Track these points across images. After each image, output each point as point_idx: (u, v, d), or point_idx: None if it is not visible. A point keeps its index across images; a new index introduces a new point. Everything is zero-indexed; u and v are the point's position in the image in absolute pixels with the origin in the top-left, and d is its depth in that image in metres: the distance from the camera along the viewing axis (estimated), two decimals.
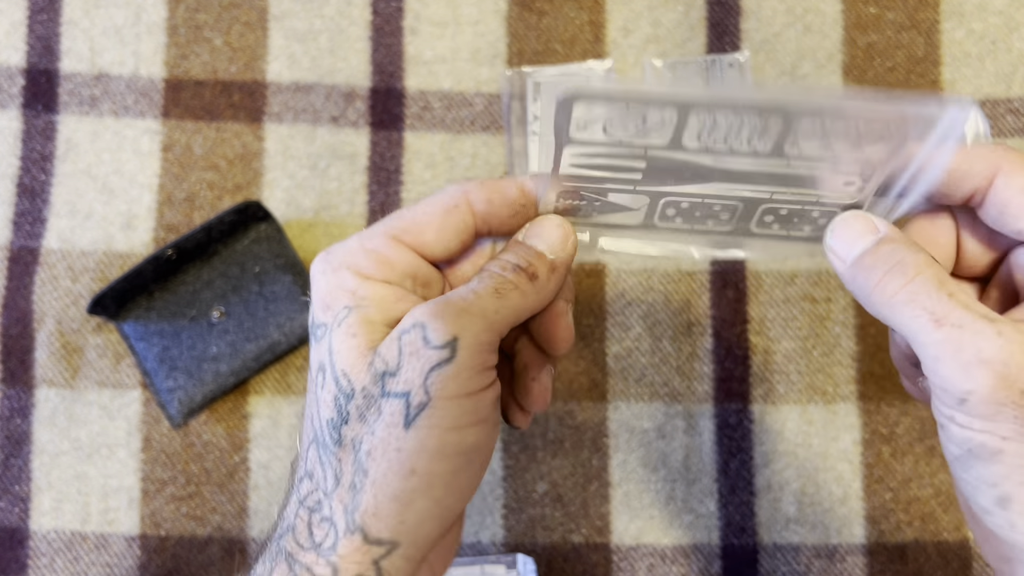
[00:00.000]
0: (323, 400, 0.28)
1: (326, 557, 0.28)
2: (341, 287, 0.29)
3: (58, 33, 0.59)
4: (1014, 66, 0.59)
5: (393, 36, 0.59)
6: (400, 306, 0.29)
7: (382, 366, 0.27)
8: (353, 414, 0.27)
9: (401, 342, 0.27)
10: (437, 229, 0.30)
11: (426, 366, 0.27)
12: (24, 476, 0.55)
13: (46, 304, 0.56)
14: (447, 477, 0.28)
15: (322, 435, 0.28)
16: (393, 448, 0.27)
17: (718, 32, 0.59)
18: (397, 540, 0.28)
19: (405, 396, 0.27)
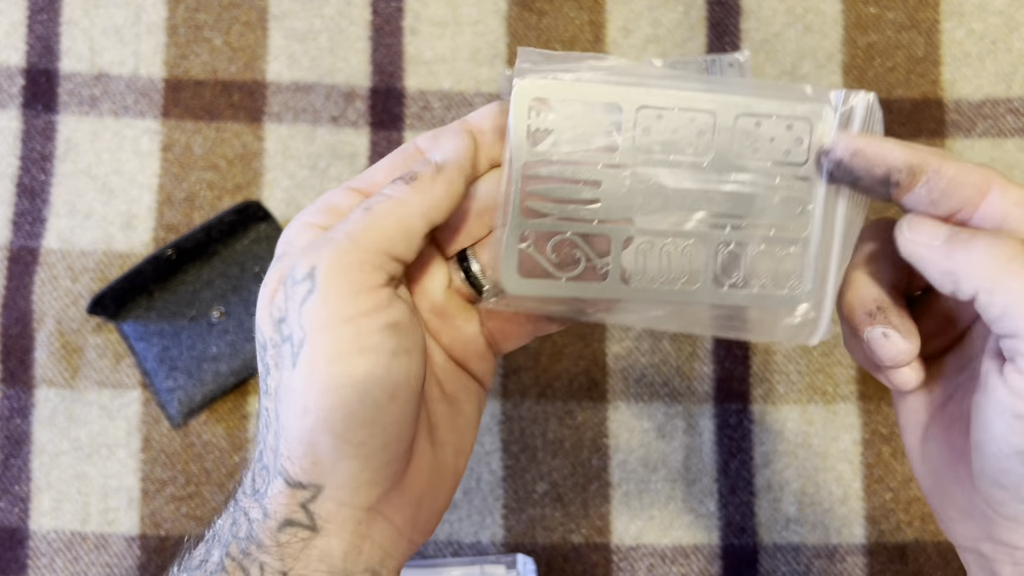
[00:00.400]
0: (261, 359, 0.29)
1: (259, 501, 0.28)
2: (288, 241, 0.29)
3: (58, 33, 0.59)
4: (1014, 66, 0.59)
5: (393, 36, 0.59)
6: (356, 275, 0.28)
7: (277, 314, 0.27)
8: (271, 364, 0.28)
9: (286, 286, 0.27)
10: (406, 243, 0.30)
11: (297, 302, 0.27)
12: (24, 476, 0.55)
13: (46, 304, 0.56)
14: (342, 411, 0.26)
15: (265, 388, 0.29)
16: (287, 390, 0.27)
17: (718, 32, 0.59)
18: (317, 483, 0.28)
19: (290, 338, 0.27)
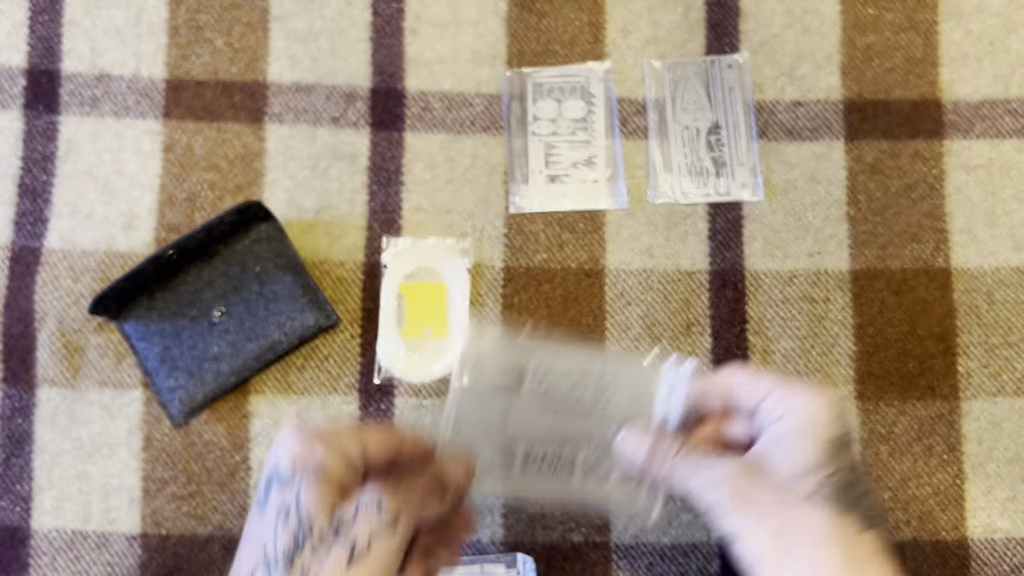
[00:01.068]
0: (282, 533, 0.37)
1: None
2: (311, 455, 0.38)
3: (59, 34, 0.59)
4: (1012, 67, 0.59)
5: (393, 37, 0.59)
6: (350, 475, 0.39)
7: (340, 517, 0.37)
8: (307, 546, 0.36)
9: (359, 504, 0.37)
10: (377, 442, 0.40)
11: (373, 526, 0.37)
12: (25, 475, 0.55)
13: (47, 304, 0.56)
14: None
15: (276, 559, 0.36)
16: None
17: (717, 33, 0.60)
18: None
19: (352, 544, 0.36)
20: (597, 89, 0.59)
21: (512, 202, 0.58)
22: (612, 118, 0.59)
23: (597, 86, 0.59)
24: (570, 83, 0.59)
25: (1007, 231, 0.58)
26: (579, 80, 0.59)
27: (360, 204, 0.58)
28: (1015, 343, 0.56)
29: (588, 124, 0.59)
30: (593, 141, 0.59)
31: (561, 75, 0.59)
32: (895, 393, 0.56)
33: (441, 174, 0.58)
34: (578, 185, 0.58)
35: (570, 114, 0.59)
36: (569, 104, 0.59)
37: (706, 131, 0.59)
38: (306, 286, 0.56)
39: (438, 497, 0.41)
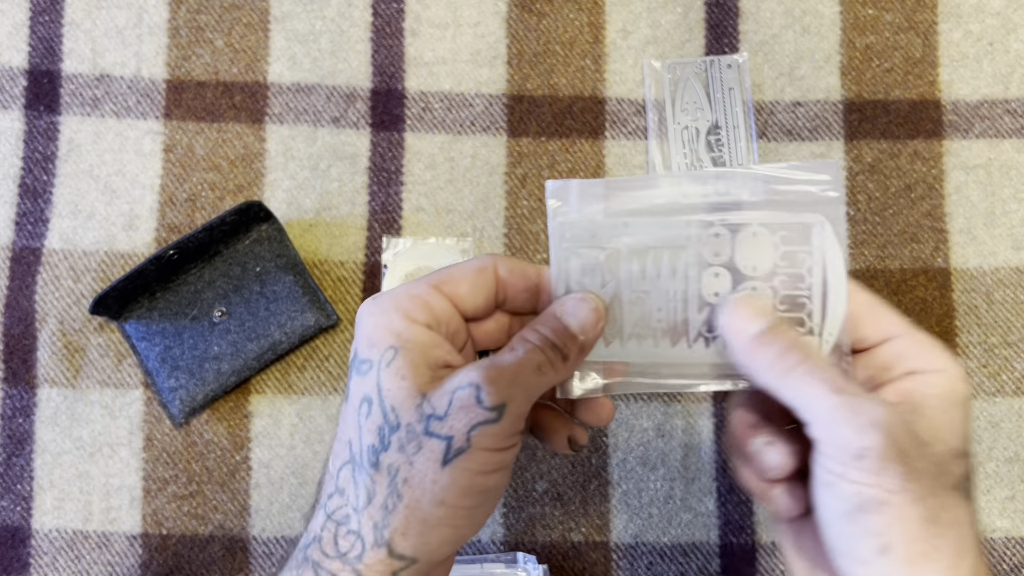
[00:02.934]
0: (366, 428, 0.32)
1: (352, 565, 0.32)
2: (388, 328, 0.33)
3: (60, 34, 0.59)
4: (1012, 67, 0.59)
5: (394, 38, 0.59)
6: (437, 352, 0.33)
7: (430, 410, 0.31)
8: (394, 444, 0.32)
9: (454, 396, 0.31)
10: (470, 284, 0.35)
11: (473, 420, 0.31)
12: (26, 475, 0.55)
13: (48, 304, 0.56)
14: (468, 511, 0.32)
15: (360, 458, 0.32)
16: (429, 480, 0.31)
17: (716, 34, 0.60)
18: (416, 557, 0.32)
19: (448, 440, 0.31)
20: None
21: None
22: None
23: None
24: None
25: (1006, 231, 0.58)
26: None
27: (360, 204, 0.58)
28: (1014, 343, 0.56)
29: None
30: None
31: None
32: None
33: (441, 174, 0.58)
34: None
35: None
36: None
37: (705, 131, 0.59)
38: (306, 286, 0.56)
39: (559, 359, 0.34)
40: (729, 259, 0.35)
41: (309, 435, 0.55)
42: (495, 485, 0.33)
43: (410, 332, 0.33)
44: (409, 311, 0.33)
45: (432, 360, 0.33)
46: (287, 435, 0.55)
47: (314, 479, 0.55)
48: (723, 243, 0.35)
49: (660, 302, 0.35)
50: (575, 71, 0.59)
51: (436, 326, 0.34)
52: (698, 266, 0.35)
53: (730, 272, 0.35)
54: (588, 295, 0.35)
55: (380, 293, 0.34)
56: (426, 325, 0.33)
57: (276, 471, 0.55)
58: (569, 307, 0.34)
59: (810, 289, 0.35)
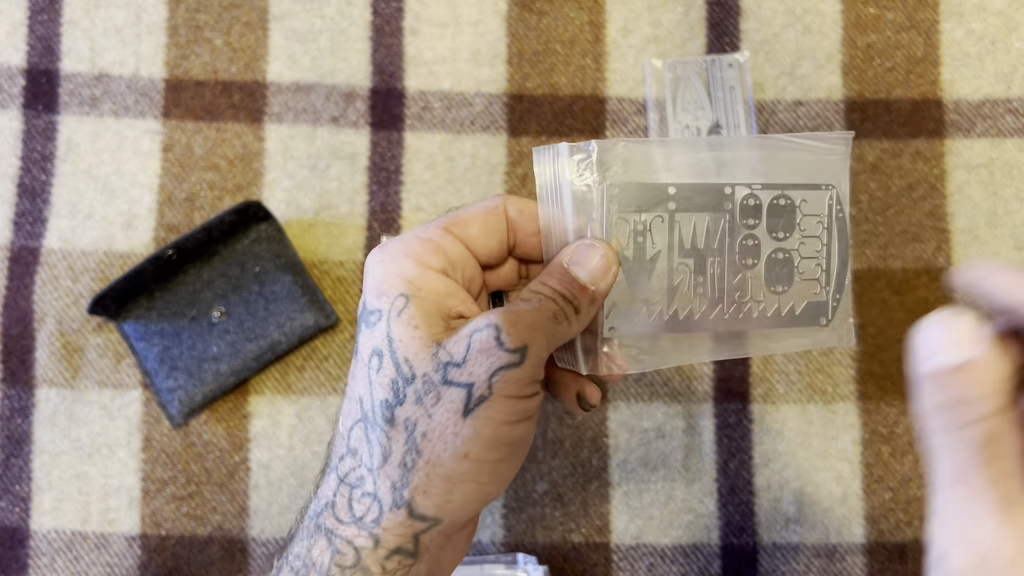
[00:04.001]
0: (378, 382, 0.30)
1: (368, 530, 0.30)
2: (399, 274, 0.30)
3: (59, 33, 0.59)
4: (1013, 66, 0.59)
5: (393, 36, 0.59)
6: (451, 301, 0.31)
7: (447, 357, 0.29)
8: (410, 397, 0.29)
9: (471, 339, 0.29)
10: (481, 225, 0.32)
11: (494, 364, 0.29)
12: (25, 476, 0.55)
13: (47, 304, 0.56)
14: (493, 464, 0.30)
15: (373, 415, 0.30)
16: (450, 432, 0.29)
17: (718, 32, 0.59)
18: (440, 517, 0.30)
19: (468, 387, 0.29)
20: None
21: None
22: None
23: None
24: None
25: (1009, 231, 0.57)
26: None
27: (360, 204, 0.58)
28: None
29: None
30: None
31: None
32: (896, 393, 0.56)
33: (441, 174, 0.58)
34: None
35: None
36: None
37: (706, 131, 0.58)
38: (306, 286, 0.56)
39: (571, 310, 0.31)
40: (761, 225, 0.36)
41: (308, 436, 0.55)
42: (520, 437, 0.31)
43: (422, 279, 0.30)
44: (421, 256, 0.31)
45: (446, 309, 0.30)
46: (286, 436, 0.55)
47: (313, 479, 0.55)
48: (756, 210, 0.36)
49: (701, 270, 0.35)
50: (575, 70, 0.59)
51: (451, 271, 0.31)
52: (733, 233, 0.35)
53: (760, 239, 0.36)
54: (596, 241, 0.32)
55: (388, 240, 0.32)
56: (440, 271, 0.31)
57: (275, 472, 0.55)
58: (577, 255, 0.32)
59: (822, 255, 0.37)
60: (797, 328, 0.37)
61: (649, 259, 0.34)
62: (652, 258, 0.34)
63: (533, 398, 0.31)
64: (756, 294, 0.36)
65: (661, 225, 0.34)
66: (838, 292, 0.37)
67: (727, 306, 0.35)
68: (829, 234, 0.37)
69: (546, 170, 0.33)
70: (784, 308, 0.36)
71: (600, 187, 0.33)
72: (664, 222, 0.34)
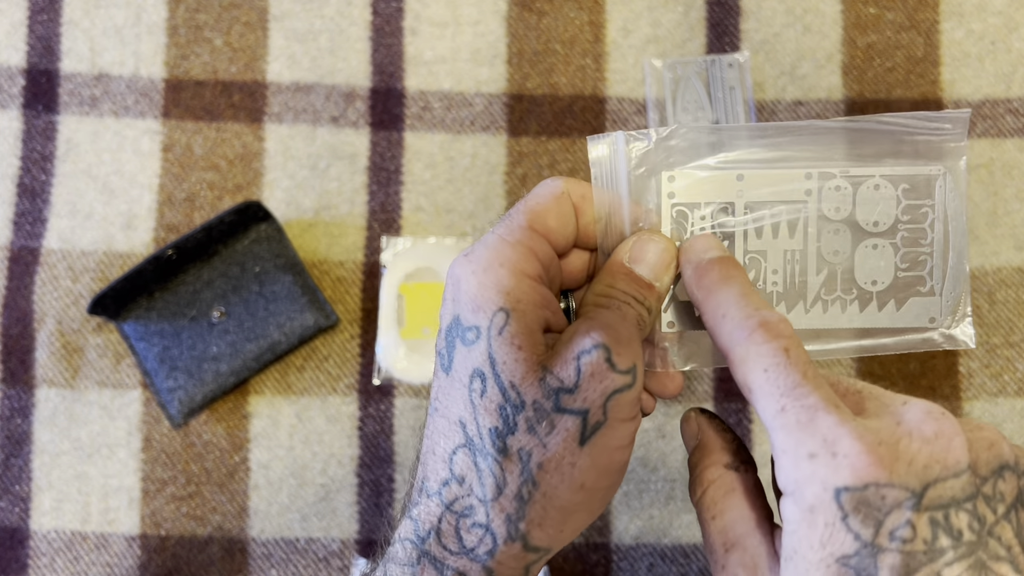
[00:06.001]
0: (483, 407, 0.28)
1: (481, 563, 0.29)
2: (496, 287, 0.29)
3: (58, 33, 0.59)
4: (1013, 66, 0.59)
5: (393, 36, 0.59)
6: (545, 312, 0.29)
7: (556, 383, 0.28)
8: (521, 425, 0.28)
9: (580, 362, 0.28)
10: (556, 215, 0.30)
11: (608, 388, 0.28)
12: (24, 476, 0.55)
13: (46, 304, 0.56)
14: (605, 492, 0.30)
15: (481, 442, 0.28)
16: (567, 463, 0.28)
17: (718, 32, 0.59)
18: (551, 547, 0.29)
19: (583, 414, 0.28)
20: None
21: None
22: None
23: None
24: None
25: (1008, 231, 0.57)
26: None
27: (360, 204, 0.57)
28: (1016, 343, 0.56)
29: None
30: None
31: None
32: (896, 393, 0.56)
33: (441, 174, 0.58)
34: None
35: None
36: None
37: None
38: (306, 286, 0.56)
39: (644, 311, 0.30)
40: (850, 214, 0.33)
41: (308, 436, 0.55)
42: (626, 461, 0.30)
43: (520, 289, 0.29)
44: (516, 264, 0.29)
45: (543, 323, 0.29)
46: (286, 436, 0.55)
47: (313, 480, 0.55)
48: (844, 197, 0.33)
49: (776, 263, 0.33)
50: (575, 70, 0.59)
51: (544, 277, 0.30)
52: (817, 223, 0.33)
53: (850, 228, 0.33)
54: (654, 234, 0.31)
55: (471, 247, 0.30)
56: (536, 278, 0.29)
57: (275, 472, 0.55)
58: (636, 252, 0.31)
59: (931, 245, 0.33)
60: (899, 327, 0.34)
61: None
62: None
63: (638, 417, 0.30)
64: (845, 290, 0.33)
65: (726, 215, 0.33)
66: (952, 288, 0.33)
67: (809, 302, 0.33)
68: (940, 223, 0.33)
69: (602, 159, 0.32)
70: (882, 305, 0.33)
71: (657, 176, 0.32)
72: (730, 211, 0.32)
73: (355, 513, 0.55)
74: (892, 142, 0.33)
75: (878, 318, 0.33)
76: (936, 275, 0.33)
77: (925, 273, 0.33)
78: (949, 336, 0.33)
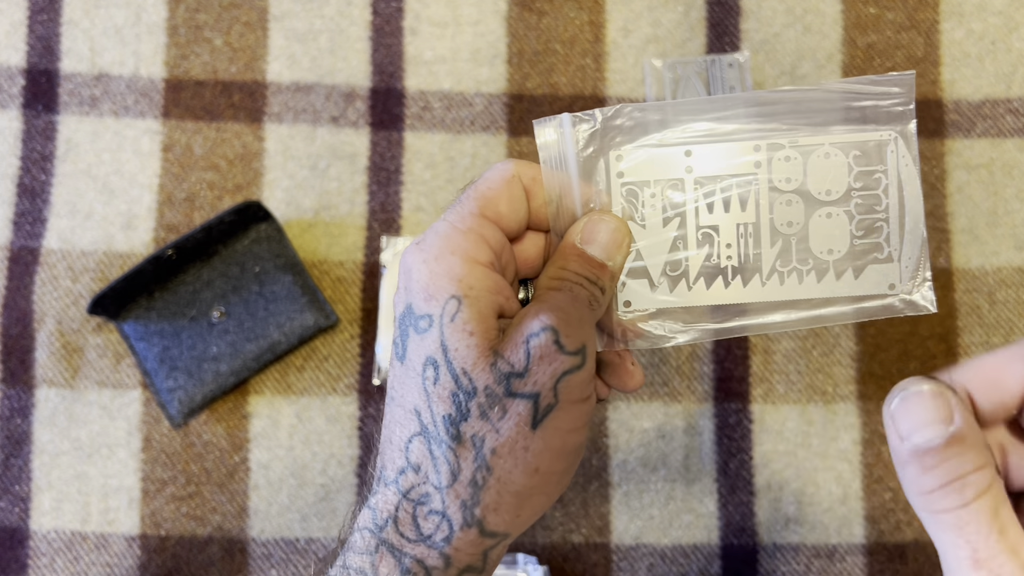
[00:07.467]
0: (436, 395, 0.28)
1: (439, 549, 0.29)
2: (447, 275, 0.29)
3: (58, 33, 0.59)
4: (1014, 66, 0.59)
5: (393, 36, 0.59)
6: (498, 298, 0.29)
7: (507, 368, 0.28)
8: (474, 411, 0.28)
9: (529, 345, 0.28)
10: (507, 200, 0.31)
11: (558, 370, 0.28)
12: (24, 476, 0.55)
13: (46, 304, 0.56)
14: (560, 475, 0.30)
15: (435, 430, 0.29)
16: (520, 447, 0.28)
17: (718, 32, 0.59)
18: (509, 532, 0.30)
19: (534, 398, 0.28)
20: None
21: None
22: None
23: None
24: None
25: (1009, 231, 0.57)
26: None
27: (360, 204, 0.57)
28: None
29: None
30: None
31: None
32: None
33: (441, 174, 0.58)
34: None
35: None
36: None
37: None
38: (305, 286, 0.56)
39: (598, 291, 0.30)
40: (801, 184, 0.33)
41: (308, 436, 0.55)
42: (582, 443, 0.30)
43: (472, 276, 0.29)
44: (467, 251, 0.29)
45: (496, 308, 0.29)
46: (286, 436, 0.55)
47: (313, 480, 0.55)
48: (794, 167, 0.32)
49: (729, 237, 0.33)
50: (576, 70, 0.59)
51: (496, 263, 0.30)
52: (769, 195, 0.33)
53: (803, 198, 0.33)
54: (605, 214, 0.31)
55: (423, 236, 0.30)
56: (488, 264, 0.29)
57: (275, 472, 0.55)
58: (588, 232, 0.31)
59: (887, 211, 0.33)
60: (858, 295, 0.33)
61: (664, 227, 0.32)
62: (668, 226, 0.32)
63: (590, 400, 0.30)
64: (801, 260, 0.33)
65: (676, 191, 0.32)
66: (910, 254, 0.32)
67: (765, 275, 0.33)
68: (894, 188, 0.33)
69: (549, 142, 0.32)
70: (839, 274, 0.33)
71: (605, 156, 0.32)
72: (680, 187, 0.32)
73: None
74: (840, 109, 0.32)
75: (836, 287, 0.33)
76: (893, 241, 0.33)
77: (882, 240, 0.33)
78: (909, 302, 0.33)
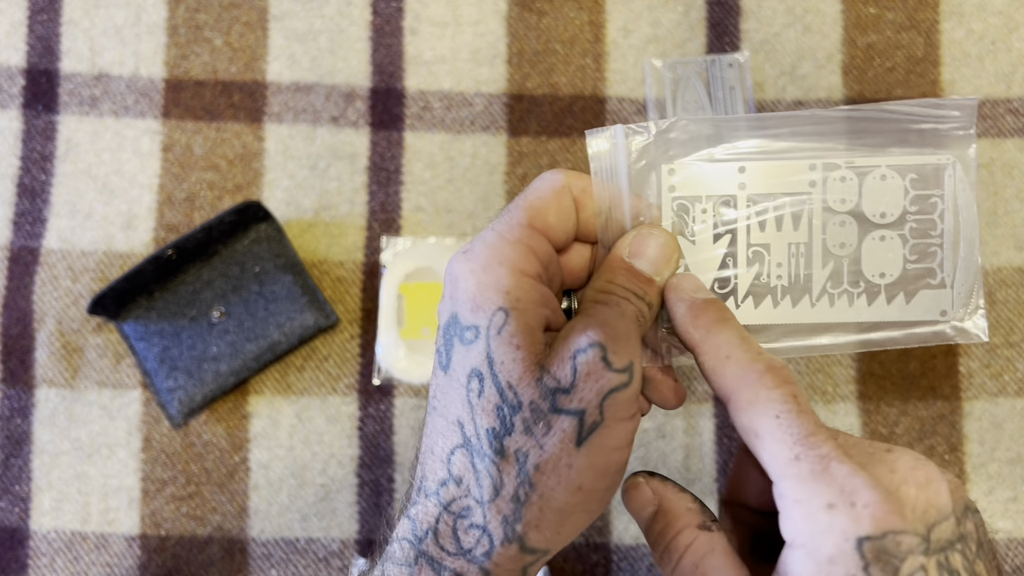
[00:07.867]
0: (480, 408, 0.28)
1: (478, 564, 0.29)
2: (495, 286, 0.28)
3: (58, 33, 0.59)
4: (1014, 66, 0.59)
5: (393, 36, 0.59)
6: (544, 311, 0.29)
7: (553, 383, 0.28)
8: (518, 426, 0.28)
9: (576, 361, 0.28)
10: (556, 211, 0.30)
11: (604, 388, 0.28)
12: (24, 476, 0.55)
13: (46, 304, 0.56)
14: (603, 493, 0.29)
15: (478, 443, 0.28)
16: (564, 464, 0.28)
17: (718, 32, 0.59)
18: (549, 549, 0.29)
19: (579, 415, 0.28)
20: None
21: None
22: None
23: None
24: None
25: (1009, 231, 0.57)
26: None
27: (360, 204, 0.57)
28: (1016, 343, 0.56)
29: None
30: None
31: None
32: (896, 393, 0.56)
33: (441, 174, 0.58)
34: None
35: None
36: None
37: None
38: (305, 286, 0.56)
39: (645, 307, 0.30)
40: (856, 205, 0.32)
41: (308, 436, 0.55)
42: (625, 461, 0.30)
43: (520, 288, 0.28)
44: (516, 262, 0.29)
45: (544, 320, 0.29)
46: (286, 436, 0.55)
47: (313, 480, 0.55)
48: (849, 188, 0.32)
49: (780, 256, 0.32)
50: (576, 70, 0.59)
51: (544, 275, 0.30)
52: (822, 215, 0.32)
53: (857, 220, 0.32)
54: (654, 228, 0.31)
55: (470, 244, 0.29)
56: (536, 276, 0.29)
57: (275, 472, 0.55)
58: (636, 246, 0.31)
59: (941, 236, 0.32)
60: (908, 320, 0.33)
61: (714, 244, 0.32)
62: (718, 243, 0.32)
63: (635, 418, 0.30)
64: (852, 283, 0.32)
65: (728, 208, 0.32)
66: (964, 280, 0.32)
67: (815, 296, 0.32)
68: (950, 213, 0.32)
69: (601, 153, 0.32)
70: (891, 298, 0.32)
71: (657, 169, 0.32)
72: (732, 204, 0.32)
73: (355, 513, 0.55)
74: (897, 131, 0.32)
75: (887, 311, 0.32)
76: (947, 267, 0.32)
77: (935, 265, 0.32)
78: (961, 329, 0.33)
